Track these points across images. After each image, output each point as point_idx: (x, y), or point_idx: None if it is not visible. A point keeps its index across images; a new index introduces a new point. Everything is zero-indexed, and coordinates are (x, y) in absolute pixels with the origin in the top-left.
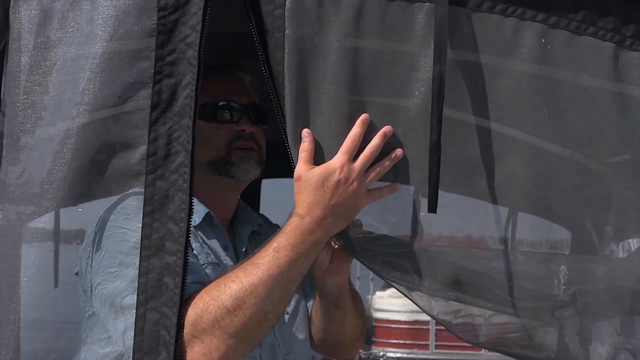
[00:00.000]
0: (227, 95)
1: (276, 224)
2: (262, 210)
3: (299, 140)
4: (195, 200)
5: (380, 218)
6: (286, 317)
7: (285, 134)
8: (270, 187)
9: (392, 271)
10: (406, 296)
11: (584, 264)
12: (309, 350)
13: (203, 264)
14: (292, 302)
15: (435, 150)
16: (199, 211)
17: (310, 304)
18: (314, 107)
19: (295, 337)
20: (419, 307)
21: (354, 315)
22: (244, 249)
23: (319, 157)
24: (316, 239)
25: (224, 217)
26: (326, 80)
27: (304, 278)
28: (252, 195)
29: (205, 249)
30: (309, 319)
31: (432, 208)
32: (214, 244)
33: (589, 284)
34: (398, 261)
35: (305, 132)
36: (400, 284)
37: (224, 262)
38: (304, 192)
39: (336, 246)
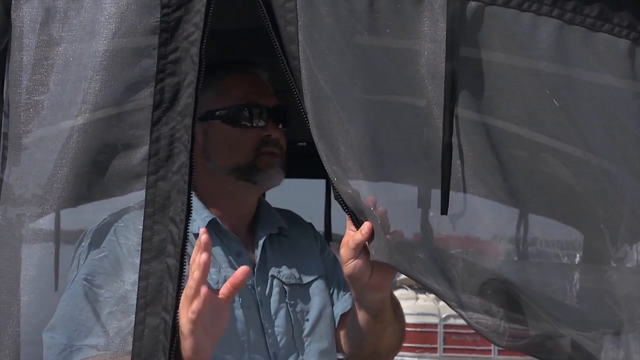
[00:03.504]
0: (251, 97)
1: (309, 223)
2: None
3: (323, 136)
4: (200, 205)
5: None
6: (306, 324)
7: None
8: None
9: (430, 277)
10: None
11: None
12: (334, 358)
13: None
14: (315, 309)
15: (447, 150)
16: (204, 217)
17: (338, 310)
18: (330, 108)
19: (316, 345)
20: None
21: (394, 327)
22: (258, 254)
23: (341, 154)
24: None
25: (241, 222)
26: (342, 76)
27: (333, 283)
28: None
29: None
30: (339, 326)
31: (444, 210)
32: (217, 251)
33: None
34: (434, 268)
35: None
36: (438, 291)
37: (226, 270)
38: None
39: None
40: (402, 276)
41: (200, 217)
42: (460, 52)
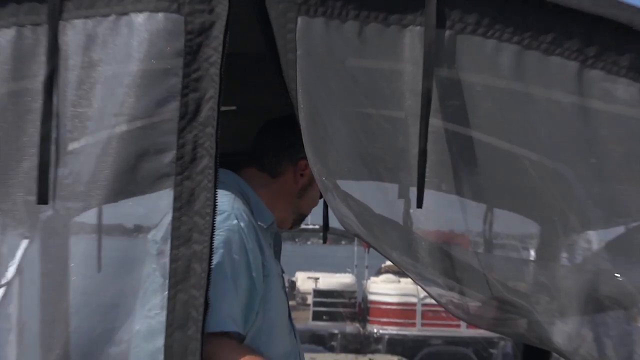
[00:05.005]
0: None
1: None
2: None
3: (314, 146)
4: (268, 212)
5: (376, 214)
6: None
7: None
8: None
9: (401, 256)
10: (412, 278)
11: (548, 268)
12: None
13: (265, 275)
14: None
15: (423, 155)
16: (268, 215)
17: None
18: (325, 119)
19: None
20: (422, 288)
21: None
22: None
23: (334, 158)
24: None
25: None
26: (334, 95)
27: None
28: None
29: (269, 258)
30: None
31: (419, 204)
32: (271, 241)
33: (551, 285)
34: (402, 246)
35: None
36: (407, 268)
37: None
38: None
39: None
40: (388, 262)
41: (268, 214)
42: (435, 72)
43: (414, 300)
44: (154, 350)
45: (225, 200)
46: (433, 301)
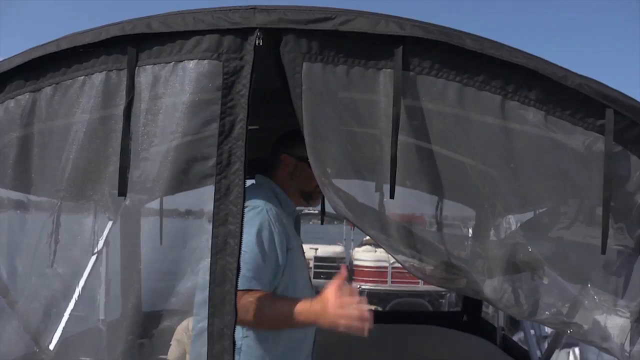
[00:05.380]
0: None
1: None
2: None
3: (315, 156)
4: (290, 201)
5: (359, 203)
6: None
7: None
8: None
9: (372, 229)
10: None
11: (481, 242)
12: None
13: (288, 248)
14: None
15: (394, 161)
16: (290, 205)
17: None
18: (322, 135)
19: None
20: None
21: None
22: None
23: (329, 163)
24: (308, 324)
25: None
26: (329, 117)
27: None
28: None
29: (292, 236)
30: None
31: (392, 196)
32: (292, 222)
33: (483, 254)
34: (377, 225)
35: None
36: (381, 242)
37: (297, 246)
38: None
39: None
40: (367, 237)
41: (290, 203)
42: (401, 102)
43: (385, 264)
44: (202, 300)
45: (260, 198)
46: (400, 265)
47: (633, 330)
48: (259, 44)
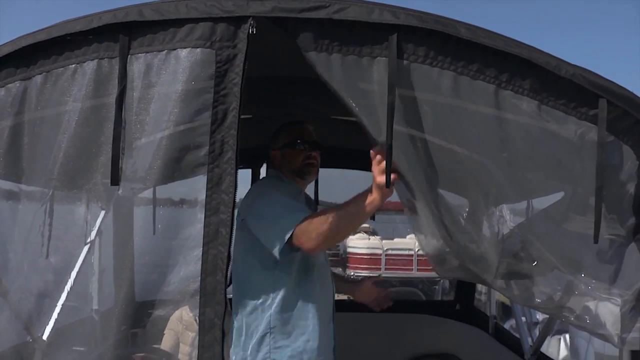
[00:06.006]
0: (301, 136)
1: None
2: None
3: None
4: (294, 186)
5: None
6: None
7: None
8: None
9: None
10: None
11: (475, 227)
12: None
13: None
14: None
15: (389, 149)
16: (294, 189)
17: None
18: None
19: None
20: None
21: None
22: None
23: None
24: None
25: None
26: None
27: None
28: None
29: (303, 203)
30: None
31: (388, 184)
32: (302, 199)
33: (477, 238)
34: None
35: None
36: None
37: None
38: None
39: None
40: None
41: (293, 187)
42: (397, 91)
43: (379, 252)
44: (194, 289)
45: (270, 181)
46: (393, 252)
47: (626, 318)
48: (252, 32)
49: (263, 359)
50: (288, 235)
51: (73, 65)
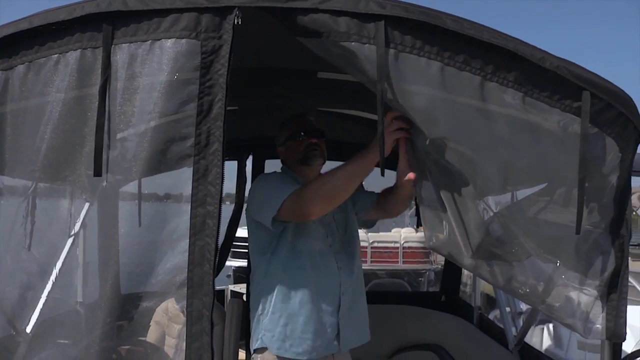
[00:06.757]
0: (301, 127)
1: None
2: None
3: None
4: (295, 178)
5: None
6: (349, 250)
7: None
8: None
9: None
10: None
11: (464, 215)
12: (360, 265)
13: None
14: (351, 238)
15: (381, 137)
16: (299, 182)
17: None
18: None
19: (353, 260)
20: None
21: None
22: None
23: None
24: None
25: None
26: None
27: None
28: (260, 170)
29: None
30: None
31: (382, 173)
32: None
33: (465, 224)
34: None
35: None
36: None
37: None
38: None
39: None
40: None
41: (299, 180)
42: (386, 79)
43: (365, 244)
44: (181, 281)
45: (273, 174)
46: (379, 245)
47: (593, 307)
48: (237, 22)
49: (258, 339)
50: (280, 202)
51: (56, 55)
